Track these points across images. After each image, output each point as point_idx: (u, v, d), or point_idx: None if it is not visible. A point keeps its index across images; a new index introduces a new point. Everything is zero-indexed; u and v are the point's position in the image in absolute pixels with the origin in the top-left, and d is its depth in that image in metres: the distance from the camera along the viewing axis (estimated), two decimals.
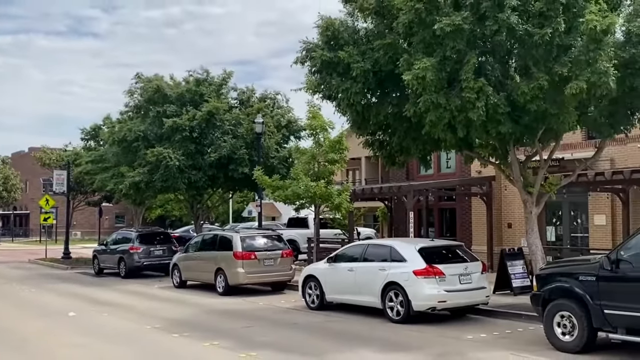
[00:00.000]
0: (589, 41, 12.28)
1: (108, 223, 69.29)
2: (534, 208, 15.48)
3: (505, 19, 12.42)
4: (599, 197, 22.28)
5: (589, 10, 12.42)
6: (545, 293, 11.56)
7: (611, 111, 14.27)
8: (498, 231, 25.02)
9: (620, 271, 10.43)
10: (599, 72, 12.24)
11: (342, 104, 15.35)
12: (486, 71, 13.50)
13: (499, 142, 14.93)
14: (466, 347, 11.76)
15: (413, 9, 13.07)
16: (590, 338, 10.82)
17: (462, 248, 15.98)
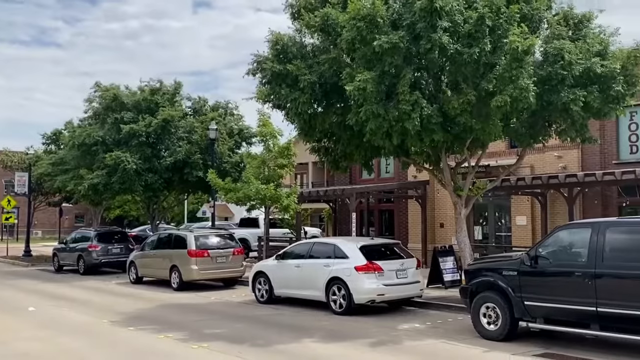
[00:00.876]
0: (512, 60, 12.58)
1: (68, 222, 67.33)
2: (463, 209, 15.79)
3: (437, 39, 12.61)
4: (521, 200, 22.85)
5: (512, 32, 12.75)
6: (472, 286, 11.80)
7: (531, 123, 14.64)
8: (431, 230, 25.40)
9: (539, 266, 10.74)
10: (520, 88, 12.56)
11: (290, 113, 15.34)
12: (421, 85, 13.72)
13: (432, 150, 15.16)
14: (401, 336, 11.91)
15: (355, 27, 13.16)
16: (512, 327, 11.08)
17: (399, 246, 16.17)
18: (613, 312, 9.70)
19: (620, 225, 10.40)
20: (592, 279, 9.90)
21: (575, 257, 10.51)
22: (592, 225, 10.50)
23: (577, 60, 13.39)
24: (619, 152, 21.16)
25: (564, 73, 13.32)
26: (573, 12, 14.79)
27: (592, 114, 14.05)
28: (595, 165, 21.15)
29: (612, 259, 9.84)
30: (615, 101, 13.95)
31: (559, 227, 11.62)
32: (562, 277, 10.44)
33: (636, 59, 14.09)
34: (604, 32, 14.60)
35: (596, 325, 10.08)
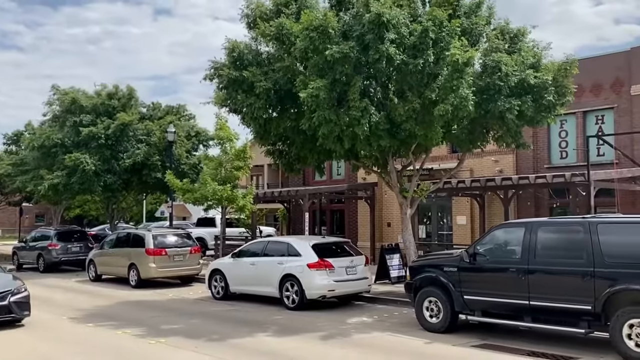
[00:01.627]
0: (453, 71, 12.78)
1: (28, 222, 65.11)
2: (409, 210, 15.97)
3: (385, 50, 12.72)
4: (461, 201, 23.24)
5: (454, 45, 12.97)
6: (416, 282, 11.92)
7: (470, 130, 14.89)
8: (379, 229, 25.61)
9: (477, 263, 10.93)
10: (461, 97, 12.78)
11: (246, 117, 15.23)
12: (370, 93, 13.80)
13: (380, 154, 15.28)
14: (350, 330, 11.94)
15: (308, 37, 13.17)
16: (453, 320, 11.26)
17: (349, 244, 16.22)
18: (543, 305, 9.96)
19: (551, 225, 10.69)
20: (525, 274, 10.14)
21: (510, 254, 10.73)
22: (526, 224, 10.75)
23: (512, 71, 13.71)
24: (550, 157, 21.76)
25: (501, 84, 13.62)
26: (509, 27, 15.13)
27: (526, 121, 14.39)
28: (528, 169, 21.69)
29: (543, 256, 10.09)
30: (547, 110, 14.33)
31: (496, 227, 11.85)
32: (498, 273, 10.64)
33: (566, 71, 14.49)
34: (537, 46, 14.99)
35: (529, 318, 10.33)
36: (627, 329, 8.92)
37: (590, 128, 20.67)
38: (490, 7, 15.13)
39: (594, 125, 20.72)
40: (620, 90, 20.04)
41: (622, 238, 9.40)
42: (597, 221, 9.81)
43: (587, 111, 20.81)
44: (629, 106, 19.72)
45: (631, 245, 9.21)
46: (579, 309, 9.53)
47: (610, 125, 20.24)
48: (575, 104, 17.81)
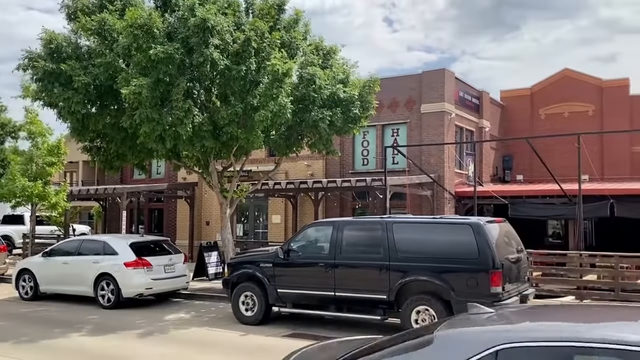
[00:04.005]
0: (274, 80, 13.04)
1: None
2: (228, 209, 15.93)
3: (209, 54, 12.58)
4: (276, 201, 23.78)
5: (274, 56, 13.24)
6: (233, 278, 11.94)
7: (287, 136, 15.30)
8: (198, 228, 25.20)
9: (290, 259, 11.26)
10: (280, 105, 13.08)
11: (63, 112, 14.05)
12: (193, 95, 13.54)
13: (201, 155, 15.05)
14: (168, 326, 11.58)
15: (132, 35, 12.56)
16: (267, 312, 11.47)
17: (167, 242, 15.72)
18: (347, 296, 10.58)
19: (355, 224, 11.39)
20: (332, 268, 10.67)
21: (320, 250, 11.22)
22: (333, 223, 11.32)
23: (325, 85, 14.35)
24: (354, 163, 23.18)
25: (315, 95, 14.18)
26: (323, 44, 15.83)
27: (335, 131, 15.16)
28: (336, 173, 22.89)
29: (347, 251, 10.71)
30: (354, 122, 15.23)
31: (308, 225, 12.30)
32: (309, 268, 11.07)
33: (370, 88, 15.51)
34: (347, 64, 15.86)
35: (333, 307, 10.91)
36: (415, 315, 9.81)
37: (388, 139, 22.41)
38: (306, 24, 15.70)
39: (390, 137, 22.49)
40: (412, 108, 22.01)
41: (412, 235, 10.32)
42: (392, 221, 10.66)
43: (386, 124, 22.55)
44: (419, 122, 21.75)
45: (418, 241, 10.15)
46: (377, 298, 10.26)
47: (404, 138, 22.13)
48: (376, 117, 19.19)
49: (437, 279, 9.65)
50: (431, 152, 21.22)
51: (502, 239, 9.99)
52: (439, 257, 9.76)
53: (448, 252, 9.73)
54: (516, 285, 9.93)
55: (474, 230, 9.57)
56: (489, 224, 9.88)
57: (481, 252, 9.37)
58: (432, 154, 21.25)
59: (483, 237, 9.45)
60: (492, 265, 9.26)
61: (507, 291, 9.46)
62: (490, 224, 9.91)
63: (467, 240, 9.56)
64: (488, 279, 9.24)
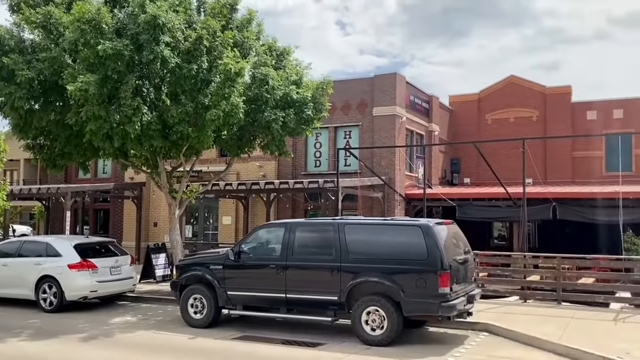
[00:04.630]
0: (226, 79, 12.89)
1: None
2: (177, 210, 15.64)
3: (159, 52, 12.32)
4: (227, 202, 23.55)
5: (226, 55, 13.10)
6: (182, 280, 11.73)
7: (239, 136, 15.15)
8: (146, 229, 24.68)
9: (241, 260, 11.14)
10: (232, 105, 12.94)
11: (4, 107, 13.49)
12: (143, 93, 13.20)
13: (150, 154, 14.72)
14: (113, 330, 11.26)
15: (79, 30, 12.17)
16: (216, 314, 11.31)
17: (113, 244, 15.30)
18: (298, 297, 10.55)
19: (307, 225, 11.38)
20: (283, 270, 10.62)
21: (271, 252, 11.16)
22: (285, 225, 11.28)
23: (278, 86, 14.29)
24: (306, 164, 23.21)
25: (268, 96, 14.11)
26: (276, 45, 15.76)
27: (288, 132, 15.11)
28: (288, 175, 22.86)
29: (300, 253, 10.69)
30: (307, 123, 15.22)
31: (259, 227, 12.22)
32: (260, 270, 10.99)
33: (323, 90, 15.53)
34: (300, 65, 15.83)
35: (284, 309, 10.85)
36: (365, 316, 9.88)
37: (340, 141, 22.55)
38: (259, 24, 15.59)
39: (343, 139, 22.64)
40: (364, 111, 22.22)
41: (363, 237, 10.39)
42: (344, 222, 10.71)
43: (338, 127, 22.67)
44: (371, 125, 21.98)
45: (370, 243, 10.23)
46: (328, 300, 10.28)
47: (356, 140, 22.31)
48: (329, 119, 19.27)
49: (387, 280, 9.75)
50: (382, 154, 21.46)
51: (450, 241, 10.19)
52: (389, 259, 9.86)
53: (398, 253, 9.85)
54: (463, 286, 10.14)
55: (424, 232, 9.73)
56: (438, 226, 10.06)
57: (430, 253, 9.52)
58: (384, 157, 21.49)
59: (432, 239, 9.61)
60: (440, 266, 9.42)
61: (454, 291, 9.64)
62: (439, 226, 10.09)
63: (416, 242, 9.71)
64: (436, 279, 9.40)
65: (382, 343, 9.64)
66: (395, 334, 9.66)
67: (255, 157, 20.88)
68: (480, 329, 10.88)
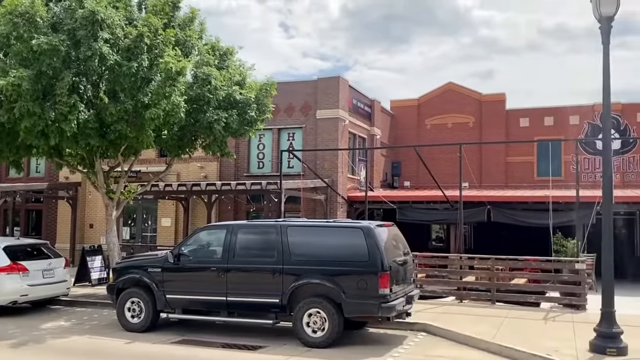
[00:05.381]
0: (167, 78, 12.62)
1: None
2: (114, 211, 15.18)
3: (98, 48, 11.94)
4: (167, 203, 23.06)
5: (168, 53, 12.82)
6: (119, 283, 11.42)
7: (180, 136, 14.87)
8: (81, 231, 23.84)
9: (181, 263, 10.94)
10: (173, 104, 12.69)
11: None
12: (80, 90, 12.73)
13: (87, 153, 14.22)
14: (45, 335, 10.80)
15: (11, 23, 11.65)
16: (154, 318, 11.07)
17: (46, 246, 14.69)
18: (239, 300, 10.45)
19: (249, 227, 11.27)
20: (224, 272, 10.50)
21: (212, 254, 11.01)
22: (227, 227, 11.15)
23: (221, 86, 14.12)
24: (249, 166, 23.03)
25: (210, 96, 13.91)
26: (220, 45, 15.56)
27: (231, 133, 14.95)
28: (230, 176, 22.61)
29: (242, 255, 10.59)
30: (250, 124, 15.11)
31: (200, 229, 12.03)
32: (200, 272, 10.82)
33: (266, 91, 15.46)
34: (243, 66, 15.70)
35: (225, 312, 10.73)
36: (307, 318, 9.88)
37: (284, 143, 22.51)
38: (202, 23, 15.36)
39: (286, 141, 22.61)
40: (308, 113, 22.28)
41: (306, 239, 10.40)
42: (286, 224, 10.69)
43: (282, 128, 22.63)
44: (314, 127, 22.05)
45: (312, 245, 10.25)
46: (270, 302, 10.22)
47: (300, 142, 22.33)
48: (273, 121, 19.20)
49: (329, 281, 9.80)
50: (326, 157, 21.57)
51: (390, 242, 10.34)
52: (331, 260, 9.91)
53: (340, 255, 9.91)
54: (403, 287, 10.32)
55: (365, 233, 9.83)
56: (379, 228, 10.19)
57: (371, 255, 9.63)
58: (327, 159, 21.61)
59: (373, 241, 9.72)
60: (380, 267, 9.55)
61: (394, 292, 9.79)
62: (380, 228, 10.22)
63: (358, 244, 9.80)
64: (377, 281, 9.51)
65: (323, 345, 9.67)
66: (336, 335, 9.71)
67: (197, 157, 20.55)
68: (418, 329, 11.09)
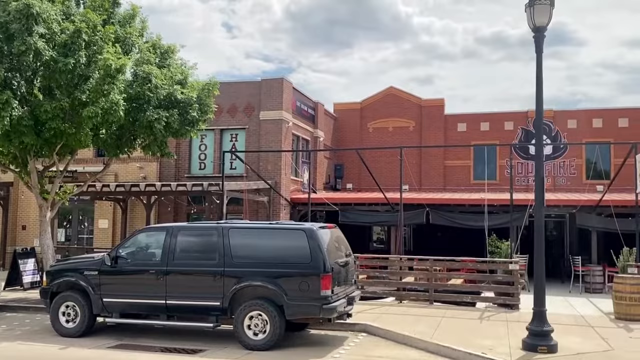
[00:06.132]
0: (105, 76, 12.27)
1: None
2: (49, 212, 14.59)
3: (33, 43, 11.48)
4: (104, 204, 22.41)
5: (107, 50, 12.47)
6: (53, 287, 10.99)
7: (119, 135, 14.48)
8: (13, 232, 22.80)
9: (118, 266, 10.64)
10: (112, 102, 12.35)
11: None
12: (13, 86, 12.21)
13: (20, 152, 13.62)
14: None
15: None
16: (91, 323, 10.73)
17: None
18: (179, 304, 10.25)
19: (190, 230, 11.06)
20: (163, 275, 10.28)
21: (151, 256, 10.76)
22: (167, 229, 10.91)
23: (162, 85, 13.85)
24: (190, 167, 22.66)
25: (151, 95, 13.62)
26: (161, 43, 15.25)
27: (172, 133, 14.67)
28: (171, 177, 22.18)
29: (182, 258, 10.39)
30: (191, 124, 14.87)
31: (139, 230, 11.73)
32: (139, 275, 10.55)
33: (209, 91, 15.27)
34: (185, 65, 15.46)
35: (164, 316, 10.50)
36: (248, 321, 9.80)
37: (226, 144, 22.28)
38: (143, 21, 15.02)
39: (229, 142, 22.38)
40: (251, 114, 22.14)
41: (248, 241, 10.31)
42: (228, 226, 10.56)
43: (224, 129, 22.39)
44: (257, 128, 21.93)
45: (254, 247, 10.18)
46: (210, 305, 10.07)
47: (242, 143, 22.16)
48: (215, 121, 18.98)
49: (270, 283, 9.75)
50: (269, 158, 21.50)
51: (333, 244, 10.40)
52: (273, 262, 9.88)
53: (282, 257, 9.88)
54: (344, 288, 10.39)
55: (308, 235, 9.84)
56: (321, 230, 10.23)
57: (313, 256, 9.65)
58: (270, 161, 21.53)
59: (315, 242, 9.75)
60: (323, 269, 9.58)
61: (336, 294, 9.85)
62: (322, 230, 10.26)
63: (300, 245, 9.80)
64: (319, 282, 9.54)
65: (264, 347, 9.62)
66: (278, 337, 9.68)
67: (136, 157, 20.07)
68: (359, 329, 11.20)
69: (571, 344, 9.58)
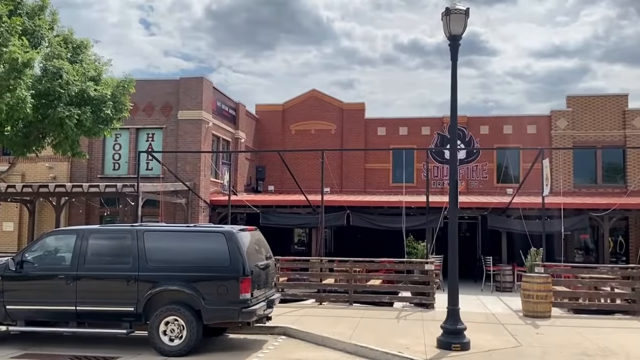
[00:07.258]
0: (11, 70, 11.62)
1: None
2: None
3: None
4: (9, 206, 21.17)
5: (13, 43, 11.78)
6: None
7: (26, 133, 13.77)
8: None
9: (24, 271, 10.07)
10: (18, 98, 11.71)
11: None
12: None
13: None
14: None
15: None
16: None
17: None
18: (90, 310, 9.82)
19: (102, 232, 10.62)
20: (74, 280, 9.81)
21: (60, 261, 10.25)
22: (77, 231, 10.43)
23: (74, 81, 13.29)
24: (104, 167, 21.81)
25: (62, 91, 13.03)
26: (73, 37, 14.64)
27: (84, 131, 14.09)
28: (82, 177, 21.26)
29: (94, 262, 9.96)
30: (105, 123, 14.35)
31: (47, 233, 11.14)
32: (47, 281, 10.01)
33: (124, 89, 14.80)
34: (99, 61, 14.91)
35: (74, 323, 10.03)
36: (164, 326, 9.52)
37: (142, 144, 21.61)
38: (53, 13, 14.35)
39: (145, 142, 21.73)
40: (169, 114, 21.61)
41: (164, 244, 10.03)
42: (143, 229, 10.23)
43: (140, 128, 21.72)
44: (176, 128, 21.43)
45: (171, 251, 9.91)
46: (123, 311, 9.71)
47: (160, 144, 21.58)
48: (130, 120, 18.39)
49: (188, 288, 9.53)
50: (187, 159, 21.05)
51: (253, 247, 10.31)
52: (191, 266, 9.66)
53: (201, 260, 9.69)
54: (264, 291, 10.33)
55: (227, 238, 9.71)
56: (241, 232, 10.11)
57: (232, 259, 9.53)
58: (188, 162, 21.09)
59: (235, 245, 9.63)
60: (242, 272, 9.47)
61: (255, 297, 9.77)
62: (242, 232, 10.15)
63: (219, 248, 9.64)
64: (238, 286, 9.42)
65: (180, 353, 9.39)
66: (195, 343, 9.47)
67: (45, 157, 19.08)
68: (278, 332, 11.18)
69: (483, 341, 10.01)
